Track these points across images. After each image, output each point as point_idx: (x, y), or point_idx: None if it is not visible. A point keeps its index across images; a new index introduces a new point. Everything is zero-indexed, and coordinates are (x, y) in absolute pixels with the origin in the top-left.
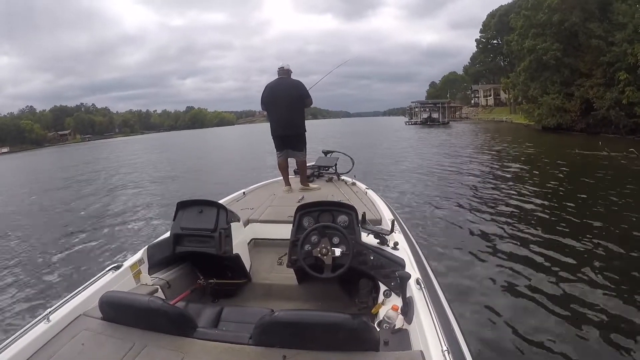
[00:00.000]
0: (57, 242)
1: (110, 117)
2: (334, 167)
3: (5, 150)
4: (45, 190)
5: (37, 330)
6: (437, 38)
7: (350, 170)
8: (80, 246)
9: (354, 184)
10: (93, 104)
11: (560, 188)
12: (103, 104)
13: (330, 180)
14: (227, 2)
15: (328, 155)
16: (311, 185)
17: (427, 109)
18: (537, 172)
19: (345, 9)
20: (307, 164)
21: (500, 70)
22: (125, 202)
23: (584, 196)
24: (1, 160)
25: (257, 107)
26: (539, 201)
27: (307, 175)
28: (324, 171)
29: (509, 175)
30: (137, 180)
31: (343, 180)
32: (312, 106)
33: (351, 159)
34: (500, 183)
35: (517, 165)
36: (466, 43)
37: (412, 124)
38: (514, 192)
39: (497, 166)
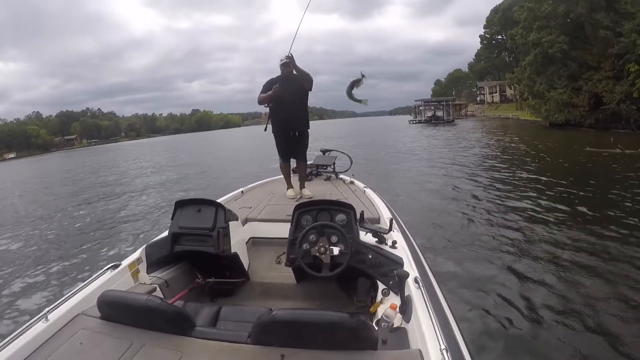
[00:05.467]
0: (55, 241)
1: (116, 122)
2: (332, 166)
3: (12, 155)
4: (46, 190)
5: (36, 329)
6: (443, 36)
7: (348, 169)
8: (79, 245)
9: (352, 182)
10: (99, 109)
11: (572, 189)
12: (109, 108)
13: (328, 179)
14: (233, 4)
15: (326, 154)
16: (303, 191)
17: (432, 107)
18: (546, 172)
19: (351, 9)
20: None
21: (506, 66)
22: (124, 202)
23: (599, 199)
24: (9, 165)
25: (263, 108)
26: (545, 201)
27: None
28: (322, 170)
29: (514, 176)
30: (137, 180)
31: (341, 179)
32: (318, 107)
33: (349, 157)
34: (504, 184)
35: (524, 165)
36: (472, 40)
37: (416, 123)
38: (519, 193)
39: (502, 166)
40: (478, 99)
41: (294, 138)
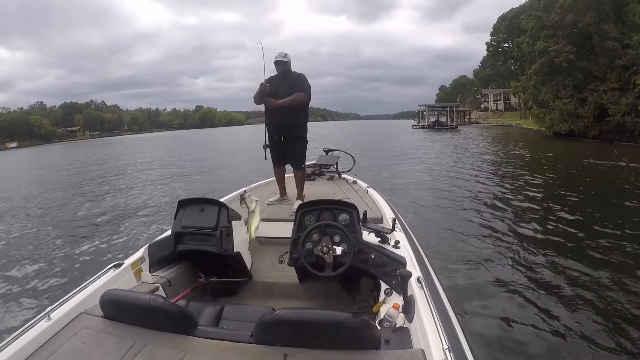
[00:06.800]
0: (58, 240)
1: (119, 115)
2: (335, 166)
3: (14, 145)
4: (48, 187)
5: (38, 328)
6: (450, 41)
7: (351, 169)
8: (81, 244)
9: (355, 182)
10: (103, 101)
11: (574, 200)
12: (113, 101)
13: (331, 178)
14: (241, 3)
15: (329, 154)
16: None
17: (436, 113)
18: (549, 182)
19: (359, 11)
20: (308, 163)
21: (511, 74)
22: (127, 200)
23: (604, 212)
24: (11, 154)
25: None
26: (547, 210)
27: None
28: (325, 169)
29: (516, 184)
30: (139, 178)
31: (344, 178)
32: (322, 108)
33: (352, 157)
34: (507, 191)
35: (527, 175)
36: (479, 47)
37: (419, 128)
38: (521, 200)
39: (504, 174)
40: (482, 106)
41: (280, 142)
